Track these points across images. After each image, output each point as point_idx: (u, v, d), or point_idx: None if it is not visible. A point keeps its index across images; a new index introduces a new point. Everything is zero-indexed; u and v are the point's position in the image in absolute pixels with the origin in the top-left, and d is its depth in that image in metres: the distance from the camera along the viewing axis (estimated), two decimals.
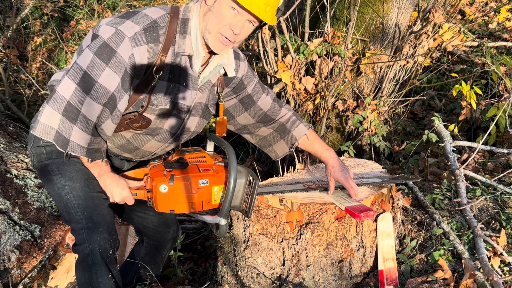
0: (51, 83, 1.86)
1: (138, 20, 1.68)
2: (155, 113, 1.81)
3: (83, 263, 1.84)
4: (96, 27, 1.71)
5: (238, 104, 2.07)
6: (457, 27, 3.74)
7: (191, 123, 1.93)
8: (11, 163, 2.74)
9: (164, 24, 1.71)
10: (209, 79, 1.87)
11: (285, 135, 2.17)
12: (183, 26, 1.73)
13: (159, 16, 1.71)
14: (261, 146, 2.25)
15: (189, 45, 1.75)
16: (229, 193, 1.76)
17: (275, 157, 2.25)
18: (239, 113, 2.09)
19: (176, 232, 2.29)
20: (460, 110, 3.72)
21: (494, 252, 2.19)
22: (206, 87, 1.89)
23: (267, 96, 2.10)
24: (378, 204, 2.15)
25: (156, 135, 1.90)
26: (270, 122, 2.14)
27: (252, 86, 2.04)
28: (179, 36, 1.73)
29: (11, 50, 5.10)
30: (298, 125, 2.15)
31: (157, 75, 1.73)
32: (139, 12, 1.71)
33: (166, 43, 1.71)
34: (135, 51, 1.66)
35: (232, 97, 2.05)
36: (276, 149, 2.22)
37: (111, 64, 1.64)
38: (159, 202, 1.82)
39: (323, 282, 2.13)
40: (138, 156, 2.02)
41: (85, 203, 1.80)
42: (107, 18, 1.72)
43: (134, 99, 1.77)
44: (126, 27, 1.65)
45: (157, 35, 1.69)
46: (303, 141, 2.17)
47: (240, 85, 2.01)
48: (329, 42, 3.17)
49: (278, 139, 2.19)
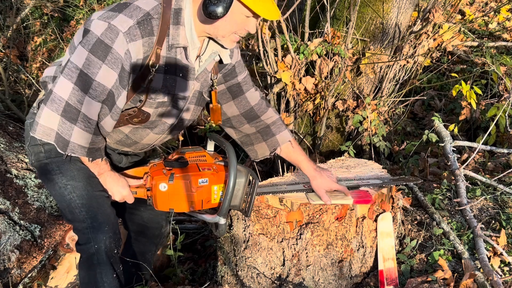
0: (43, 80, 1.83)
1: (131, 14, 1.63)
2: (154, 107, 1.79)
3: (87, 263, 1.83)
4: (88, 22, 1.65)
5: (226, 92, 2.02)
6: (457, 27, 3.74)
7: (187, 112, 1.91)
8: (11, 163, 2.74)
9: (157, 15, 1.66)
10: (205, 67, 1.85)
11: (268, 137, 2.10)
12: (176, 16, 1.69)
13: (151, 7, 1.66)
14: (243, 143, 2.18)
15: (183, 36, 1.71)
16: (229, 192, 1.76)
17: (255, 158, 2.19)
18: (225, 100, 2.04)
19: (165, 227, 2.25)
20: (460, 110, 3.72)
21: (494, 252, 2.19)
22: (203, 75, 1.86)
23: (256, 92, 2.06)
24: (378, 204, 2.15)
25: (155, 128, 1.89)
26: (255, 119, 2.07)
27: (242, 76, 2.01)
28: (172, 27, 1.69)
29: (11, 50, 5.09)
30: (283, 130, 2.10)
31: (153, 69, 1.70)
32: (130, 4, 1.65)
33: (160, 35, 1.67)
34: (130, 46, 1.62)
35: (221, 83, 2.00)
36: (257, 149, 2.15)
37: (108, 61, 1.61)
38: (159, 200, 1.82)
39: (323, 282, 2.13)
40: (137, 149, 2.01)
41: (89, 203, 1.79)
42: (98, 12, 1.66)
43: (132, 94, 1.75)
44: (119, 22, 1.60)
45: (151, 28, 1.65)
46: (286, 148, 2.11)
47: (232, 71, 1.98)
48: (329, 42, 3.17)
49: (261, 140, 2.13)
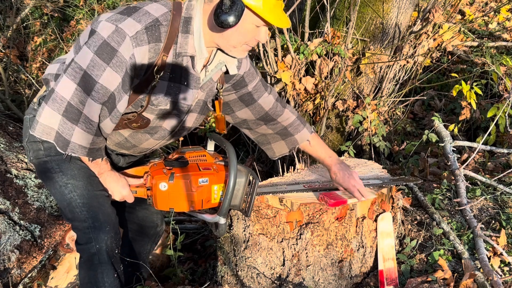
0: (45, 77, 1.82)
1: (139, 18, 1.61)
2: (155, 113, 1.78)
3: (88, 263, 1.82)
4: (95, 23, 1.64)
5: (238, 101, 2.03)
6: (457, 27, 3.74)
7: (189, 120, 1.91)
8: (11, 163, 2.74)
9: (166, 22, 1.65)
10: (210, 77, 1.84)
11: (286, 137, 2.15)
12: (185, 25, 1.68)
13: (161, 14, 1.65)
14: (260, 142, 2.21)
15: (191, 45, 1.70)
16: (229, 192, 1.76)
17: (272, 156, 2.23)
18: (238, 108, 2.05)
19: (161, 226, 2.25)
20: (460, 110, 3.71)
21: (494, 252, 2.19)
22: (208, 85, 1.85)
23: (270, 95, 2.06)
24: (378, 204, 2.16)
25: (155, 134, 1.88)
26: (271, 121, 2.10)
27: (253, 84, 2.00)
28: (181, 36, 1.68)
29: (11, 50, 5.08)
30: (302, 130, 2.13)
31: (158, 75, 1.68)
32: (140, 9, 1.63)
33: (167, 43, 1.66)
34: (136, 51, 1.61)
35: (231, 92, 2.00)
36: (275, 148, 2.19)
37: (112, 64, 1.60)
38: (159, 200, 1.81)
39: (323, 282, 2.13)
40: (135, 152, 2.00)
41: (89, 202, 1.78)
42: (106, 14, 1.65)
43: (133, 99, 1.73)
44: (127, 25, 1.59)
45: (158, 34, 1.63)
46: (305, 145, 2.16)
47: (241, 82, 1.97)
48: (329, 42, 3.17)
49: (278, 139, 2.17)
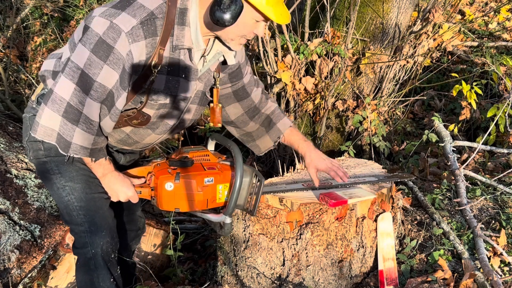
0: (42, 73, 1.81)
1: (134, 12, 1.58)
2: (155, 108, 1.76)
3: (84, 267, 1.82)
4: (89, 18, 1.60)
5: (231, 95, 2.02)
6: (457, 27, 3.74)
7: (189, 112, 1.89)
8: (11, 163, 2.73)
9: (161, 15, 1.62)
10: (208, 68, 1.83)
11: (270, 128, 2.12)
12: (181, 16, 1.65)
13: (156, 6, 1.62)
14: (244, 141, 2.20)
15: (188, 38, 1.67)
16: (235, 191, 1.75)
17: (258, 153, 2.21)
18: (230, 102, 2.04)
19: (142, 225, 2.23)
20: (460, 110, 3.71)
21: (494, 252, 2.19)
22: (206, 75, 1.84)
23: (258, 88, 2.07)
24: (378, 204, 2.15)
25: (156, 128, 1.87)
26: (257, 113, 2.09)
27: (248, 77, 2.01)
28: (177, 28, 1.65)
29: (11, 50, 5.09)
30: (283, 118, 2.12)
31: (156, 70, 1.66)
32: (134, 2, 1.59)
33: (164, 36, 1.63)
34: (132, 47, 1.58)
35: (227, 85, 1.99)
36: (260, 144, 2.17)
37: (109, 61, 1.57)
38: (164, 200, 1.79)
39: (323, 282, 2.13)
40: (138, 147, 1.99)
41: (87, 205, 1.77)
42: (100, 8, 1.61)
43: (132, 96, 1.71)
44: (122, 21, 1.55)
45: (154, 28, 1.60)
46: (288, 135, 2.12)
47: (238, 73, 1.96)
48: (329, 42, 3.17)
49: (263, 134, 2.14)
